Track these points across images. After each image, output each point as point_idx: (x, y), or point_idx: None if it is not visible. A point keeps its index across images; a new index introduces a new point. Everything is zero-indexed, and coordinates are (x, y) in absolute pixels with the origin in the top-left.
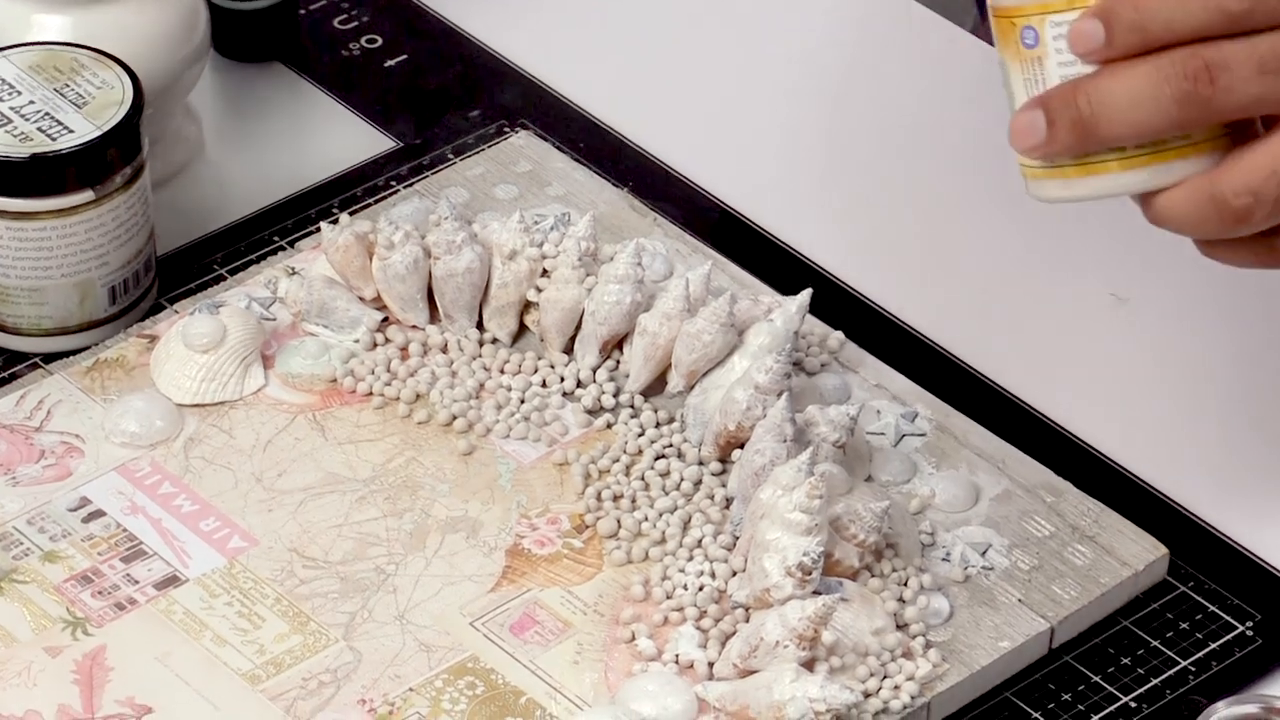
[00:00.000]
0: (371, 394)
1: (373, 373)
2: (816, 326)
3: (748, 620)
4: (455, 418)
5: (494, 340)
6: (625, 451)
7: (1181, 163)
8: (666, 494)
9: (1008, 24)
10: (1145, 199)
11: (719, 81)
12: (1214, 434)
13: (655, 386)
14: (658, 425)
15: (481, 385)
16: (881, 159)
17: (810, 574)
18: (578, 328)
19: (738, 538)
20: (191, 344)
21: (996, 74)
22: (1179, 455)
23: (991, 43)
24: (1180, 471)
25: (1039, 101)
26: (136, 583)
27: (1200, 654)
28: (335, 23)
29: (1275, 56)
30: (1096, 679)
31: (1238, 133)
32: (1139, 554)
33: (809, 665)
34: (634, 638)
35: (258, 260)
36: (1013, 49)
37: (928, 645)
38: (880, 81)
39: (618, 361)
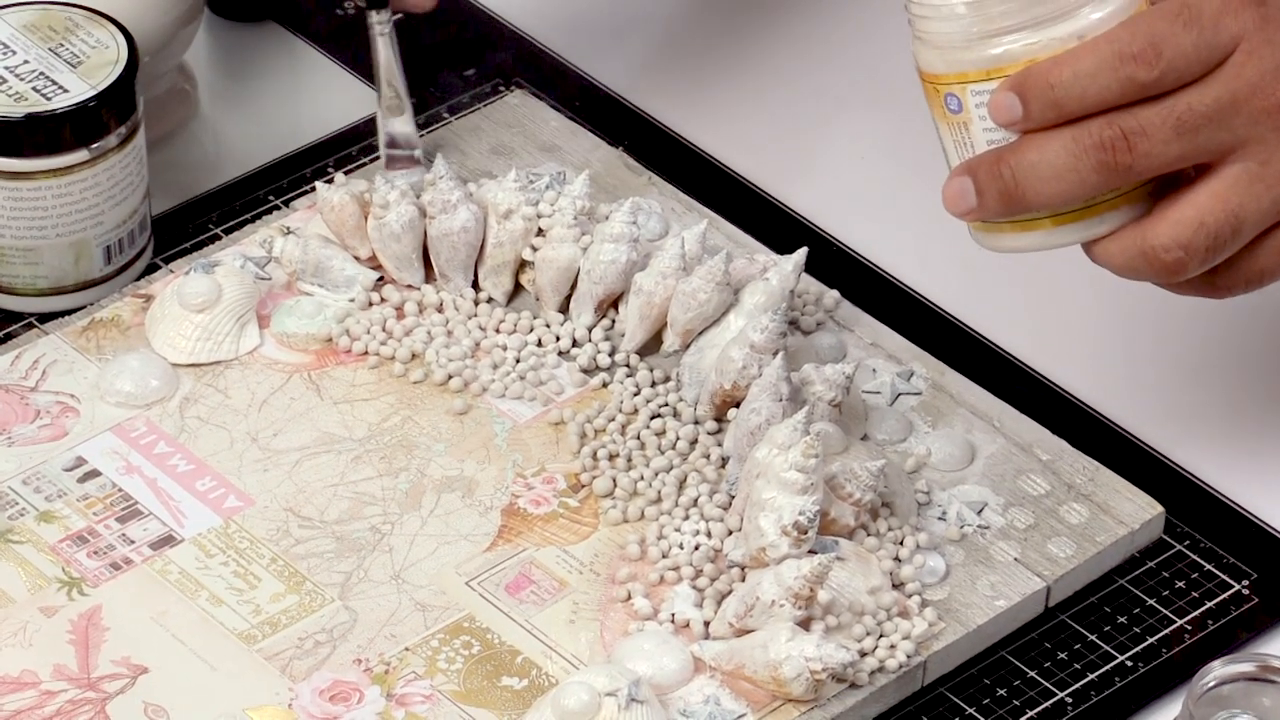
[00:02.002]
0: (367, 353)
1: (368, 332)
2: (812, 285)
3: (744, 579)
4: (451, 377)
5: (489, 299)
6: (621, 410)
7: (1112, 214)
8: (662, 453)
9: (932, 89)
10: (1085, 246)
11: (714, 40)
12: (1210, 393)
13: (651, 345)
14: (653, 384)
15: (477, 344)
16: (878, 117)
17: (806, 533)
18: (573, 287)
19: (733, 497)
20: (187, 303)
21: None
22: (1175, 414)
23: None
24: (1176, 430)
25: (967, 169)
26: (132, 543)
27: (1196, 612)
28: None
29: (1191, 114)
30: (1093, 638)
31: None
32: (1135, 512)
33: (805, 624)
34: (630, 597)
35: (253, 220)
36: (939, 111)
37: (924, 604)
38: (877, 38)
39: (613, 320)
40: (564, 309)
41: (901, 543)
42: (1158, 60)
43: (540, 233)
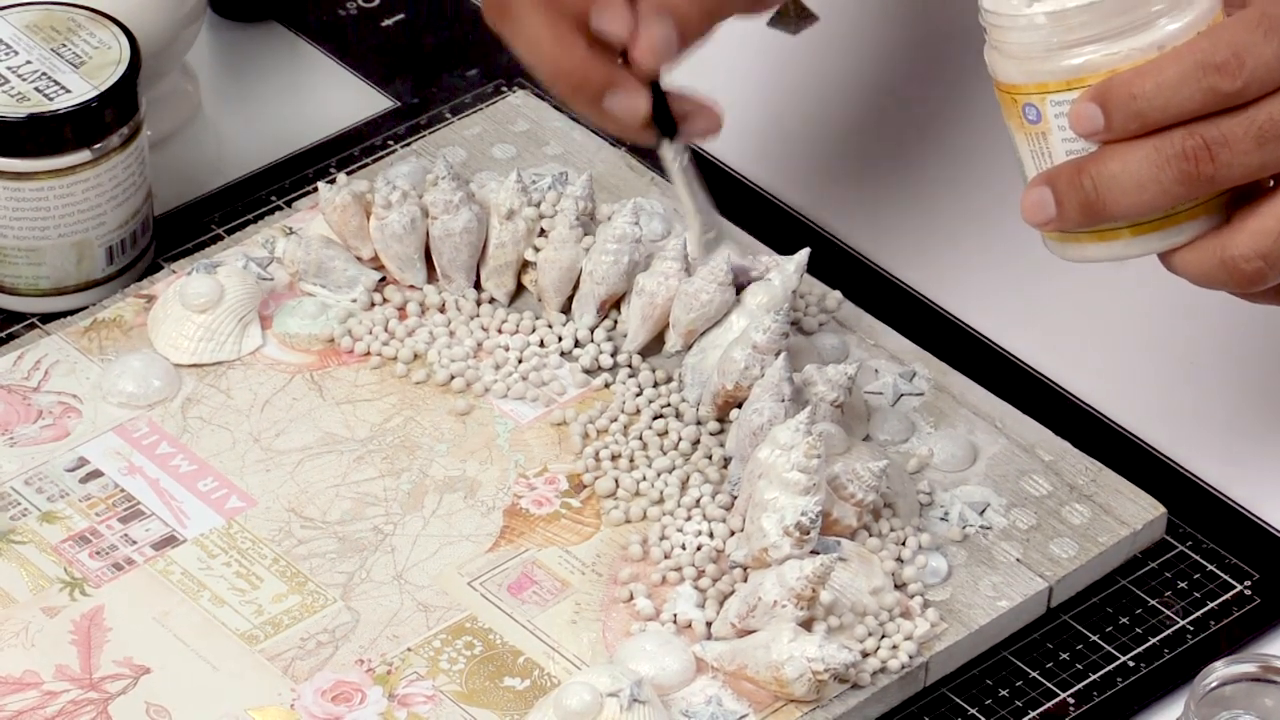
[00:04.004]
0: (369, 354)
1: (370, 332)
2: (814, 286)
3: (746, 580)
4: (453, 377)
5: (491, 300)
6: (623, 411)
7: (1190, 224)
8: (664, 453)
9: (1009, 99)
10: (1162, 255)
11: (715, 40)
12: (1212, 393)
13: (653, 346)
14: (655, 385)
15: (479, 345)
16: (880, 118)
17: (808, 533)
18: (575, 287)
19: (735, 497)
20: (189, 304)
21: None
22: (1177, 414)
23: None
24: (1178, 430)
25: (1046, 179)
26: (134, 543)
27: (1199, 613)
28: None
29: (1273, 125)
30: (1095, 638)
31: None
32: (1137, 513)
33: (807, 625)
34: (632, 597)
35: (255, 220)
36: (1016, 121)
37: (926, 605)
38: (878, 38)
39: (615, 321)
40: (566, 309)
41: (904, 543)
42: (1240, 70)
43: (542, 233)
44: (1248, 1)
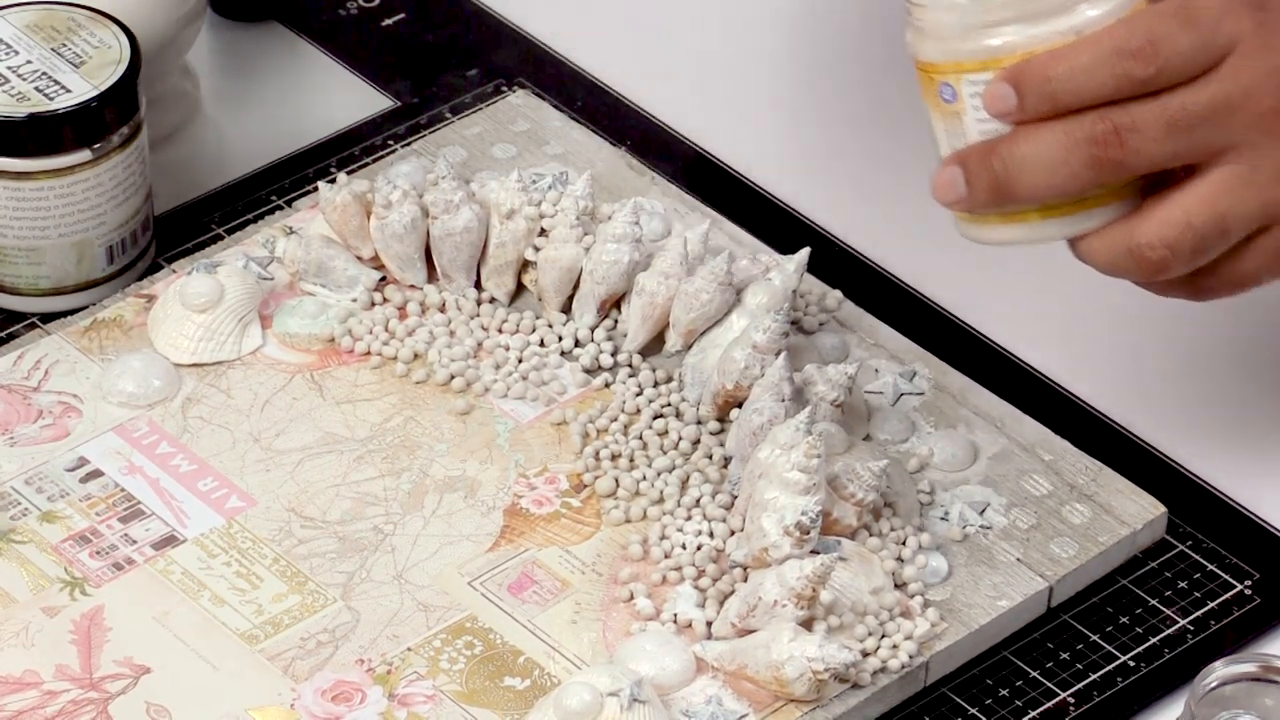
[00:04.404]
0: (369, 353)
1: (370, 332)
2: (815, 285)
3: (746, 579)
4: (453, 377)
5: (492, 300)
6: (623, 411)
7: (1100, 210)
8: (664, 453)
9: (927, 78)
10: (1070, 242)
11: (717, 40)
12: (1213, 393)
13: (653, 346)
14: (656, 384)
15: (479, 344)
16: (881, 118)
17: (808, 533)
18: (575, 287)
19: (736, 497)
20: (189, 303)
21: None
22: (1177, 414)
23: None
24: (1179, 430)
25: (958, 159)
26: (134, 543)
27: (1199, 613)
28: None
29: (1184, 114)
30: (1095, 638)
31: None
32: (1137, 513)
33: (807, 624)
34: (632, 597)
35: (255, 220)
36: (933, 100)
37: (926, 604)
38: (878, 39)
39: (615, 321)
40: (566, 309)
41: (904, 543)
42: (1154, 58)
43: (543, 233)
44: None
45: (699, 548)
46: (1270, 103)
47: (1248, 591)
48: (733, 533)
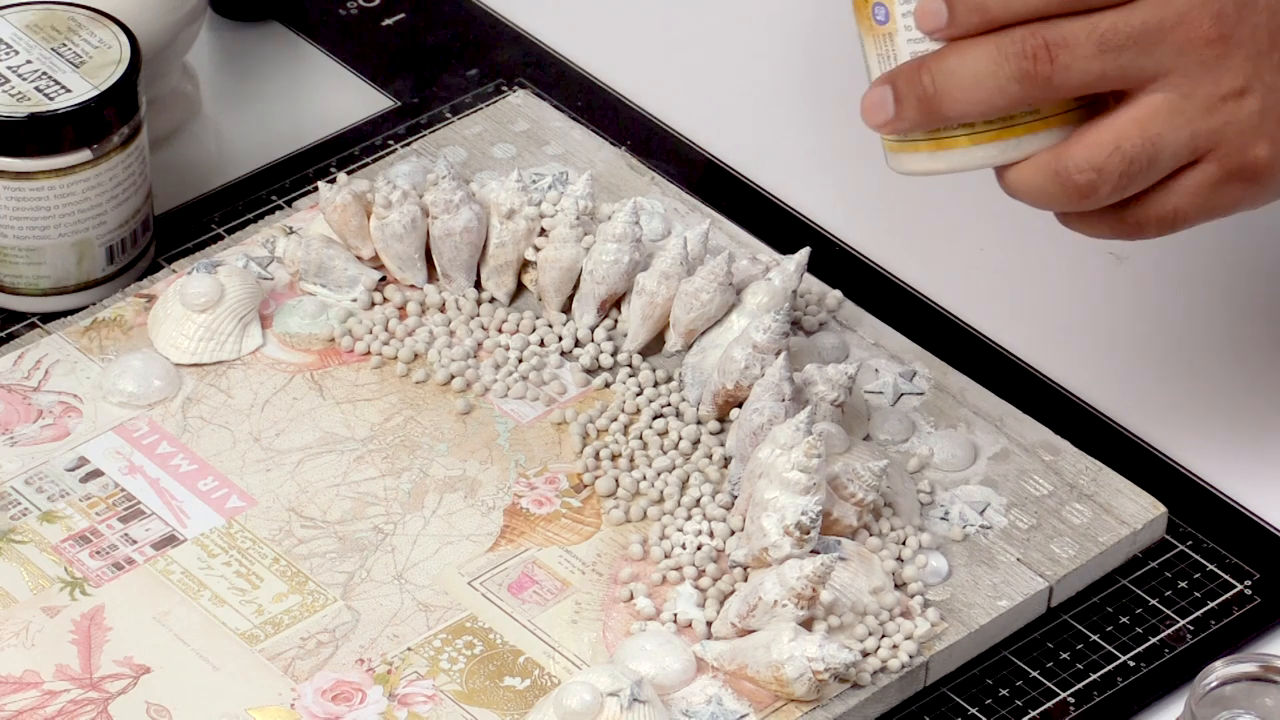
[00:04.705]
0: (369, 353)
1: (370, 332)
2: (815, 285)
3: (746, 579)
4: (453, 377)
5: (492, 299)
6: (623, 410)
7: (1030, 137)
8: (664, 453)
9: (860, 1)
10: (998, 172)
11: (717, 40)
12: (1213, 393)
13: (653, 346)
14: (656, 384)
15: (479, 344)
16: None
17: (808, 533)
18: (576, 287)
19: (736, 497)
20: (189, 303)
21: None
22: (1178, 414)
23: None
24: (1179, 430)
25: (887, 78)
26: (135, 542)
27: (1199, 613)
28: None
29: (1115, 34)
30: (1095, 638)
31: (1089, 107)
32: (1137, 512)
33: (807, 624)
34: (632, 597)
35: (255, 219)
36: (866, 24)
37: (926, 604)
38: None
39: (615, 321)
40: (566, 309)
41: (904, 543)
42: None
43: (543, 233)
44: None
45: (699, 548)
46: (1203, 30)
47: (1248, 591)
48: (733, 533)
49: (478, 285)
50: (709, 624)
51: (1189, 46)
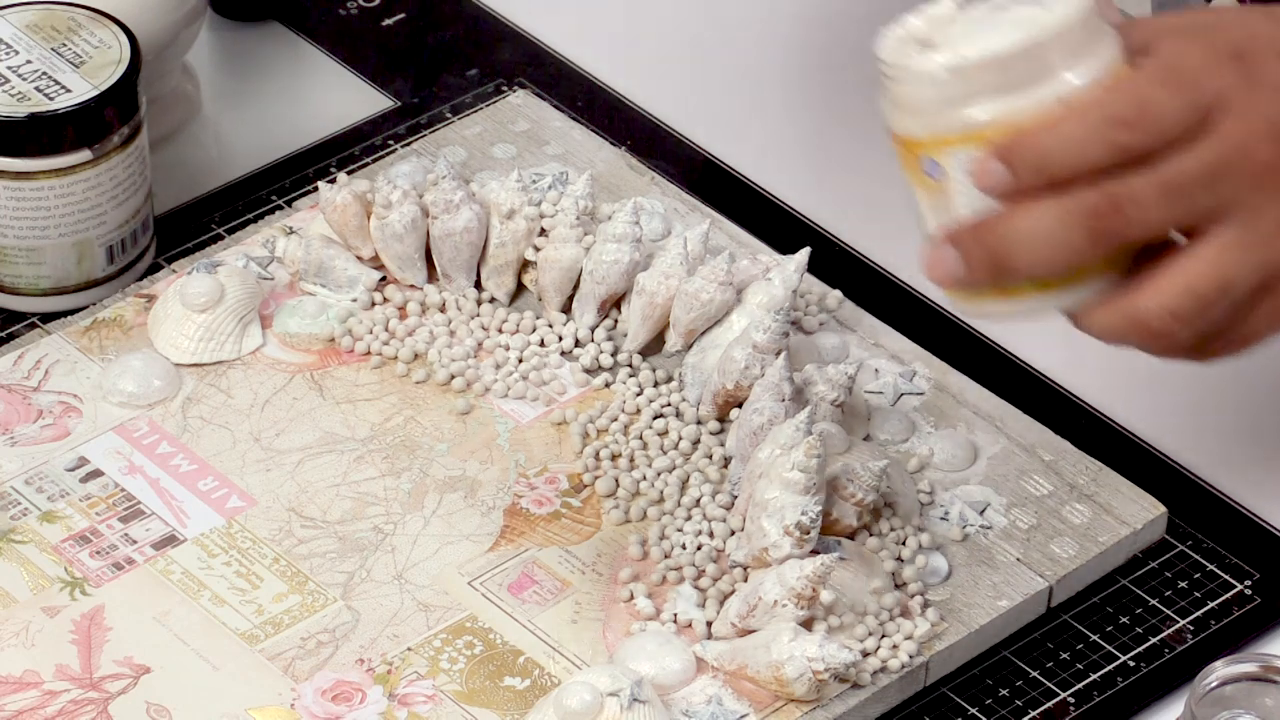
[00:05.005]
0: (369, 353)
1: (370, 332)
2: (815, 285)
3: (746, 579)
4: (453, 377)
5: (492, 299)
6: (623, 411)
7: (1097, 280)
8: (665, 453)
9: (908, 152)
10: (1068, 313)
11: (718, 41)
12: (1213, 393)
13: (653, 346)
14: (656, 384)
15: (480, 344)
16: (881, 118)
17: (808, 533)
18: (576, 287)
19: (736, 497)
20: (189, 303)
21: None
22: (1178, 414)
23: None
24: (1179, 430)
25: (950, 238)
26: (135, 542)
27: (1199, 613)
28: None
29: (1180, 180)
30: (1095, 638)
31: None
32: (1137, 513)
33: (807, 624)
34: (632, 597)
35: (255, 220)
36: (915, 175)
37: (926, 604)
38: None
39: (616, 321)
40: (566, 309)
41: (904, 543)
42: (1145, 125)
43: (543, 233)
44: (1149, 50)
45: (699, 548)
46: (1264, 157)
47: (1248, 591)
48: (733, 533)
49: (478, 285)
50: (709, 624)
51: (1252, 177)
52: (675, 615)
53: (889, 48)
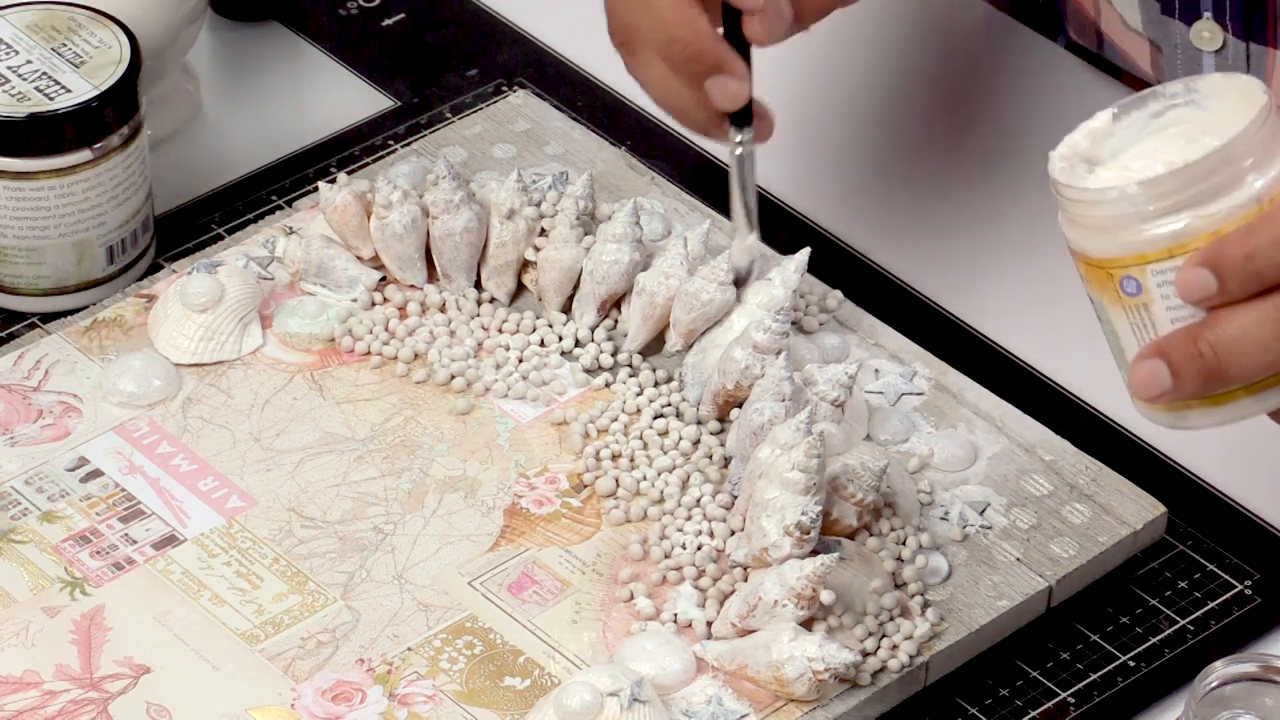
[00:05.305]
0: (370, 353)
1: (371, 332)
2: (815, 285)
3: (746, 579)
4: (454, 377)
5: (492, 300)
6: (624, 411)
7: None
8: (665, 453)
9: (1102, 273)
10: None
11: None
12: None
13: (653, 346)
14: (656, 384)
15: (480, 344)
16: (882, 117)
17: (808, 533)
18: (576, 287)
19: (736, 497)
20: (189, 303)
21: (994, 32)
22: None
23: (1001, 7)
24: (1179, 430)
25: (1157, 351)
26: (135, 542)
27: (1199, 613)
28: None
29: None
30: (1095, 638)
31: None
32: (1137, 513)
33: (807, 625)
34: (632, 597)
35: (255, 220)
36: (1111, 295)
37: (926, 604)
38: (878, 40)
39: (616, 321)
40: (567, 309)
41: (904, 543)
42: None
43: (543, 233)
44: None
45: (699, 548)
46: None
47: (1248, 591)
48: (733, 533)
49: (478, 285)
50: (709, 624)
51: None
52: (675, 615)
53: (1059, 169)
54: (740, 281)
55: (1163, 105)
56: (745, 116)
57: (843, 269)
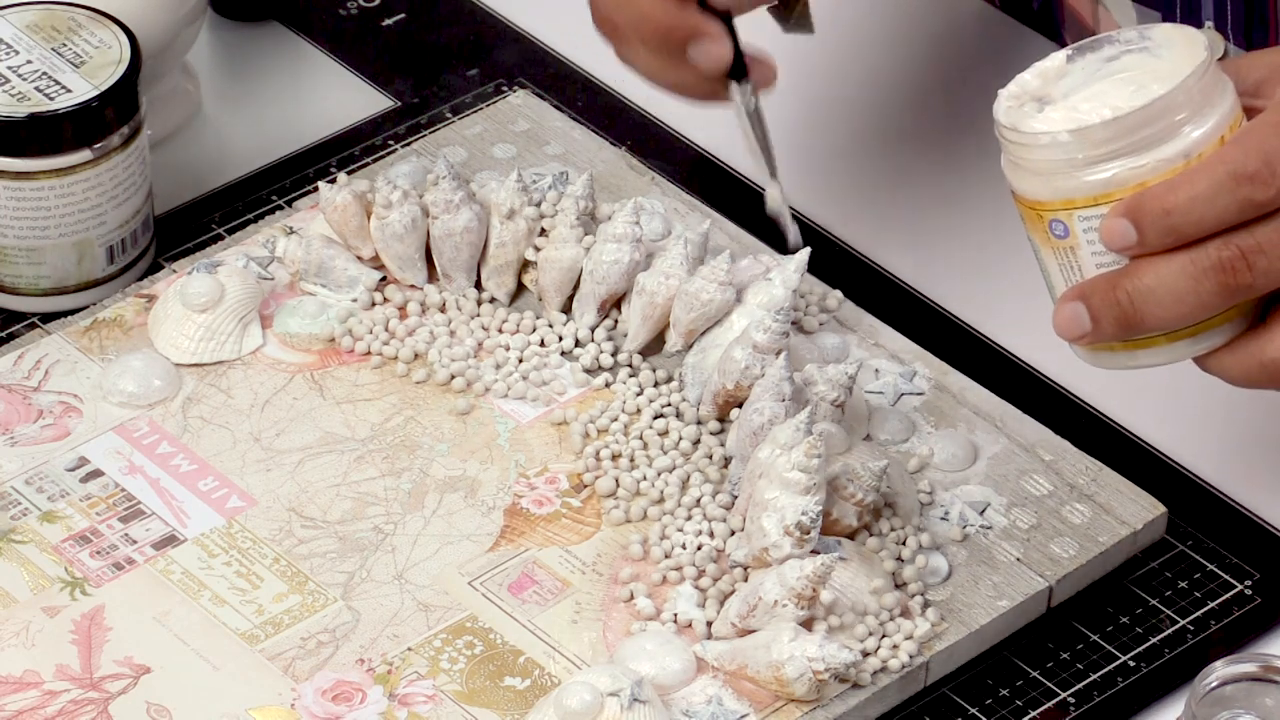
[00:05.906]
0: (370, 353)
1: (371, 332)
2: (815, 285)
3: (746, 579)
4: (454, 377)
5: (492, 300)
6: (624, 411)
7: (1225, 326)
8: (665, 453)
9: (1034, 214)
10: (1197, 359)
11: None
12: (1212, 393)
13: (653, 346)
14: (656, 384)
15: (480, 344)
16: (882, 118)
17: (808, 533)
18: (576, 287)
19: (736, 497)
20: (189, 303)
21: (990, 31)
22: (1177, 414)
23: (995, 4)
24: (1179, 430)
25: (1079, 295)
26: (135, 542)
27: (1199, 613)
28: None
29: None
30: (1095, 638)
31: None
32: (1138, 513)
33: (807, 624)
34: (632, 597)
35: (256, 220)
36: (1042, 236)
37: (926, 604)
38: (880, 39)
39: (616, 321)
40: (567, 309)
41: (904, 543)
42: (1273, 178)
43: (543, 233)
44: (1260, 92)
45: (699, 548)
46: None
47: (1248, 591)
48: (733, 533)
49: (478, 285)
50: (709, 624)
51: None
52: (675, 615)
53: (1005, 109)
54: (783, 231)
55: (1117, 50)
56: (739, 71)
57: (843, 269)
